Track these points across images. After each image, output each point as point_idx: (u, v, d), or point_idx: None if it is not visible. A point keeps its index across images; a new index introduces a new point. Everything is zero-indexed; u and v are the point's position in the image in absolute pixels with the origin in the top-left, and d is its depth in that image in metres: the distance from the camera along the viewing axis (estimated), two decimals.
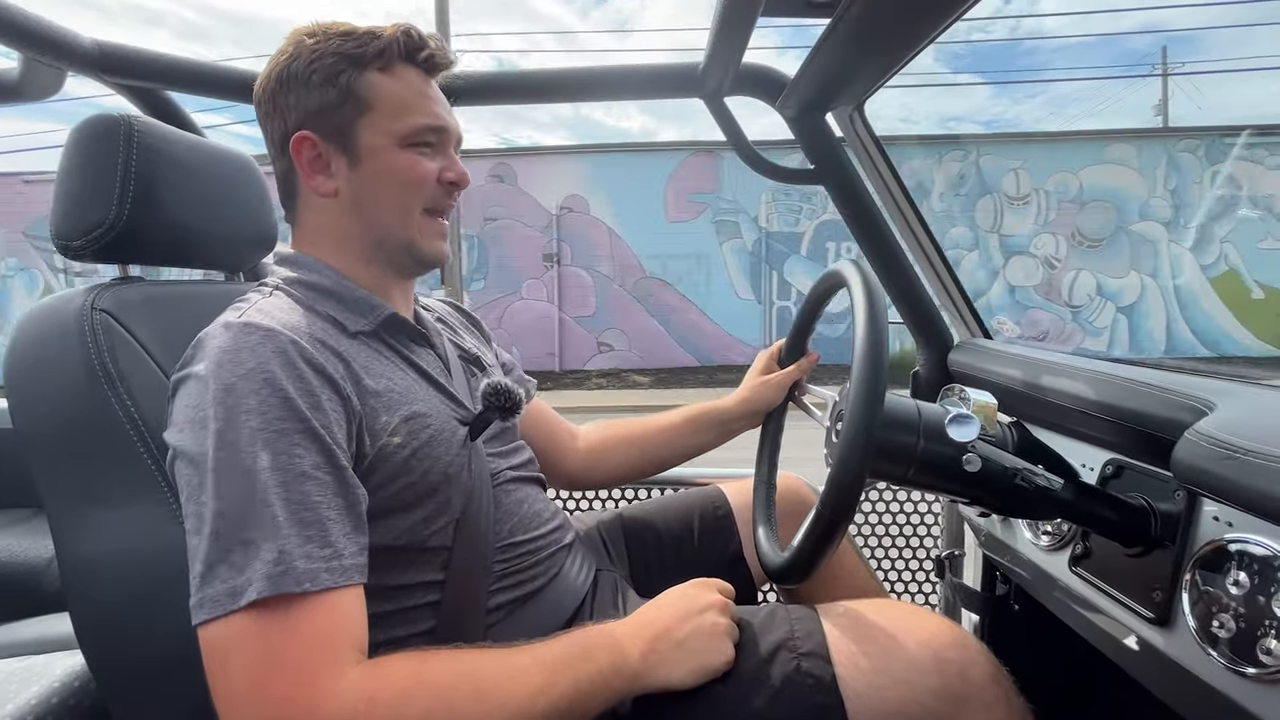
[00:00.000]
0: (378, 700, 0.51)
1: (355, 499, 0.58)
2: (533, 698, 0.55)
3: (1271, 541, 0.51)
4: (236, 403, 0.54)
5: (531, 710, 0.55)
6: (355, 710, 0.50)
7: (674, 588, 0.70)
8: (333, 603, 0.53)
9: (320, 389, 0.58)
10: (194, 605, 0.51)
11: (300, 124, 0.69)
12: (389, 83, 0.70)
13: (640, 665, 0.61)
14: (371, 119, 0.69)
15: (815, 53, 0.86)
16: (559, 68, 1.12)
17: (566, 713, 0.57)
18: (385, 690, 0.52)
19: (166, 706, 0.64)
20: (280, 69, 0.69)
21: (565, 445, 1.02)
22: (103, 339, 0.66)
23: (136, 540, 0.64)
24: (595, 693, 0.59)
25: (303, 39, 0.70)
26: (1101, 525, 0.65)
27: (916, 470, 0.64)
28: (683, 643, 0.64)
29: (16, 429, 0.67)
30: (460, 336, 0.88)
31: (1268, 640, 0.49)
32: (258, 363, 0.56)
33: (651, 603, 0.69)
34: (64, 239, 0.71)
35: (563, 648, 0.60)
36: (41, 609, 0.98)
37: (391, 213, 0.71)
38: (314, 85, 0.68)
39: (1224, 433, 0.54)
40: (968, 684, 0.62)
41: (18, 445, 0.66)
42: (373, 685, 0.51)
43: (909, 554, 1.31)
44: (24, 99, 1.00)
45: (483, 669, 0.57)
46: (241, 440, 0.53)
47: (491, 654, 0.59)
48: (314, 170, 0.70)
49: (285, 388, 0.56)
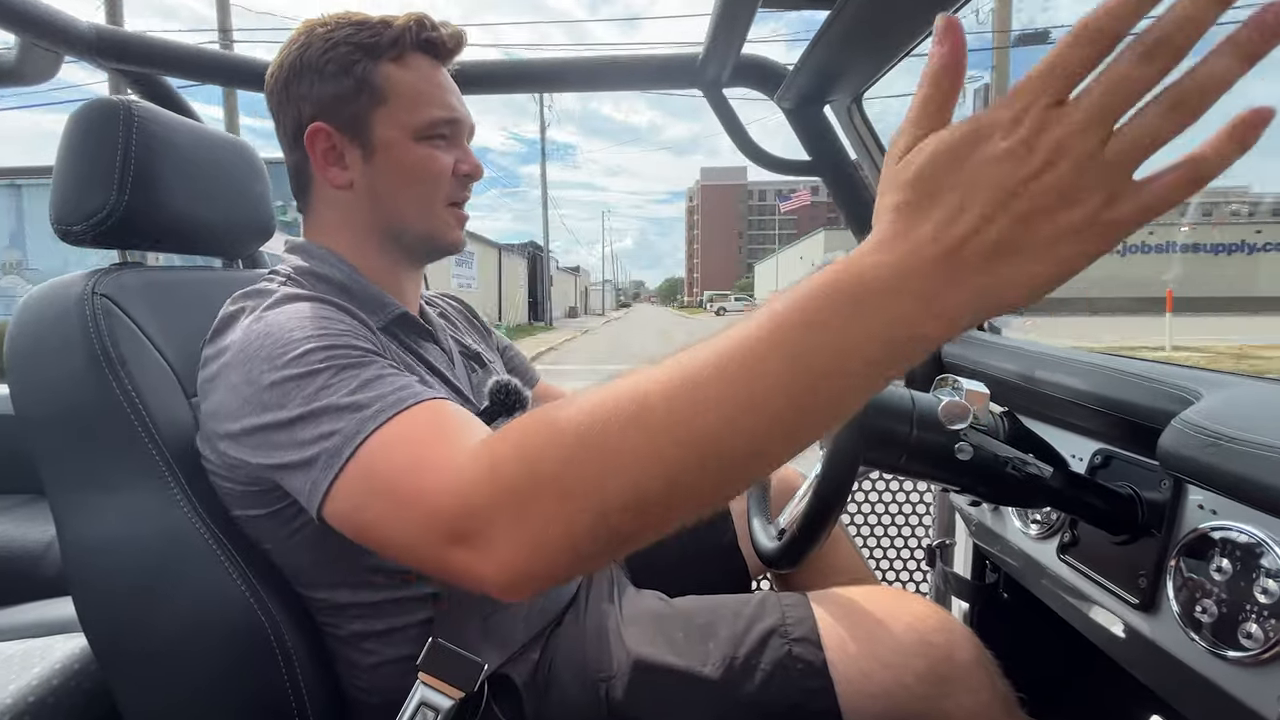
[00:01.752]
0: (499, 454, 0.42)
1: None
2: (731, 420, 0.35)
3: (1254, 528, 0.52)
4: (288, 333, 0.55)
5: (735, 438, 0.36)
6: (478, 474, 0.43)
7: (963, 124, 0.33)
8: (434, 409, 0.51)
9: (363, 332, 0.60)
10: (309, 489, 0.50)
11: (315, 115, 0.68)
12: (403, 73, 0.69)
13: (927, 318, 0.33)
14: (387, 111, 0.68)
15: (814, 45, 0.86)
16: (560, 58, 1.12)
17: (794, 422, 0.35)
18: (506, 440, 0.43)
19: (169, 689, 0.65)
20: (293, 58, 0.69)
21: None
22: (103, 323, 0.66)
23: (137, 524, 0.64)
24: (844, 372, 0.34)
25: (315, 28, 0.69)
26: (1089, 513, 0.66)
27: (909, 458, 0.65)
28: (1019, 247, 0.31)
29: (17, 413, 0.67)
30: (461, 333, 0.89)
31: (1248, 624, 0.50)
32: (304, 308, 0.58)
33: (927, 161, 0.33)
34: (63, 224, 0.71)
35: (784, 306, 0.35)
36: (41, 593, 0.98)
37: (411, 206, 0.71)
38: (328, 75, 0.68)
39: (1209, 421, 0.55)
40: (953, 667, 0.63)
41: (17, 430, 0.67)
42: (492, 444, 0.44)
43: (900, 543, 1.33)
44: (21, 82, 0.99)
45: (641, 389, 0.38)
46: (303, 358, 0.53)
47: (652, 378, 0.38)
48: (328, 162, 0.70)
49: (333, 333, 0.56)
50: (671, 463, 0.36)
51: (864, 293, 0.33)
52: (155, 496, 0.64)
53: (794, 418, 0.35)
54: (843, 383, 0.34)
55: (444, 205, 0.72)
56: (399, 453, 0.48)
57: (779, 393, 0.34)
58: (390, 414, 0.50)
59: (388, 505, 0.47)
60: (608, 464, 0.37)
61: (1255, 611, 0.50)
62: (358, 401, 0.50)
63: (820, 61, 0.90)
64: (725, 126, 1.11)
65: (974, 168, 0.31)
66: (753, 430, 0.35)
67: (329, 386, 0.52)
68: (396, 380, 0.53)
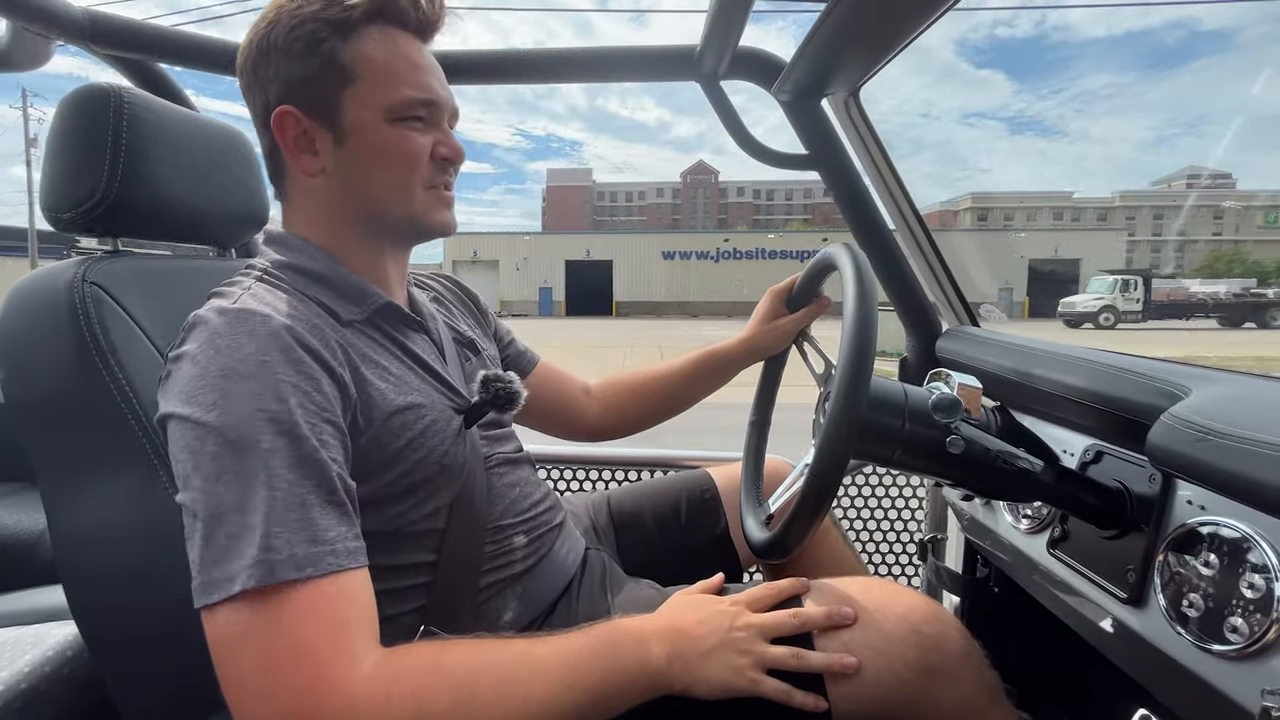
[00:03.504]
0: (395, 694, 0.49)
1: (350, 486, 0.56)
2: (556, 694, 0.54)
3: (1241, 524, 0.52)
4: (231, 388, 0.53)
5: (554, 707, 0.53)
6: (373, 704, 0.48)
7: (717, 597, 0.69)
8: (340, 586, 0.51)
9: (318, 374, 0.57)
10: (195, 589, 0.49)
11: (282, 97, 0.65)
12: (376, 50, 0.65)
13: (665, 666, 0.60)
14: (356, 91, 0.64)
15: (811, 38, 0.86)
16: (558, 49, 1.12)
17: (589, 710, 0.56)
18: (404, 682, 0.50)
19: (161, 675, 0.65)
20: (260, 37, 0.65)
21: (579, 401, 1.03)
22: (93, 311, 0.65)
23: (127, 511, 0.64)
24: (619, 691, 0.58)
25: (283, 3, 0.65)
26: (1079, 507, 0.67)
27: (902, 451, 0.65)
28: (709, 654, 0.62)
29: (7, 400, 0.67)
30: (455, 318, 0.87)
31: (1234, 618, 0.51)
32: (255, 347, 0.55)
33: (686, 603, 0.68)
34: (53, 211, 0.71)
35: (587, 642, 0.59)
36: (34, 580, 0.98)
37: (388, 191, 0.68)
38: (295, 55, 0.64)
39: (1197, 416, 0.55)
40: (943, 657, 0.64)
41: (9, 418, 0.66)
42: (391, 676, 0.49)
43: (893, 537, 1.33)
44: (12, 68, 0.99)
45: (505, 662, 0.55)
46: (237, 426, 0.52)
47: (513, 646, 0.57)
48: (299, 148, 0.66)
49: (280, 374, 0.54)
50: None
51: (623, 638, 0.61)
52: (145, 484, 0.64)
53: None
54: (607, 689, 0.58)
55: (423, 188, 0.69)
56: (298, 630, 0.48)
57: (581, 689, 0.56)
58: (292, 576, 0.49)
59: (256, 675, 0.47)
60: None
61: (1241, 606, 0.51)
62: (262, 540, 0.49)
63: (817, 55, 0.90)
64: (722, 119, 1.10)
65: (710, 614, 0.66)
66: (567, 706, 0.55)
67: (247, 491, 0.50)
68: (317, 513, 0.52)
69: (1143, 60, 64.55)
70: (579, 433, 1.04)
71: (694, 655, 0.61)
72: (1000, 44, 77.91)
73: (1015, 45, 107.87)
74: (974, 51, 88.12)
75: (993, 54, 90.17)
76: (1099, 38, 79.23)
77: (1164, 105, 51.46)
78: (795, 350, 1.01)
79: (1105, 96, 63.05)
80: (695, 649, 0.62)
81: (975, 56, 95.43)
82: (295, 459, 0.52)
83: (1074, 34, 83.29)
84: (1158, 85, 49.93)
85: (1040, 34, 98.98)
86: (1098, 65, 74.68)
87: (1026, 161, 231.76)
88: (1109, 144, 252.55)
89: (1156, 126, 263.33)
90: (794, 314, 0.99)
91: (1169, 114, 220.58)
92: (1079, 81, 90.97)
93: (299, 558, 0.49)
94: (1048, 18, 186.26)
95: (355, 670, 0.48)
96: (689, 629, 0.63)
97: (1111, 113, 58.12)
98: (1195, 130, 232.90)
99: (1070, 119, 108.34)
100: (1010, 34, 59.31)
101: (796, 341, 1.01)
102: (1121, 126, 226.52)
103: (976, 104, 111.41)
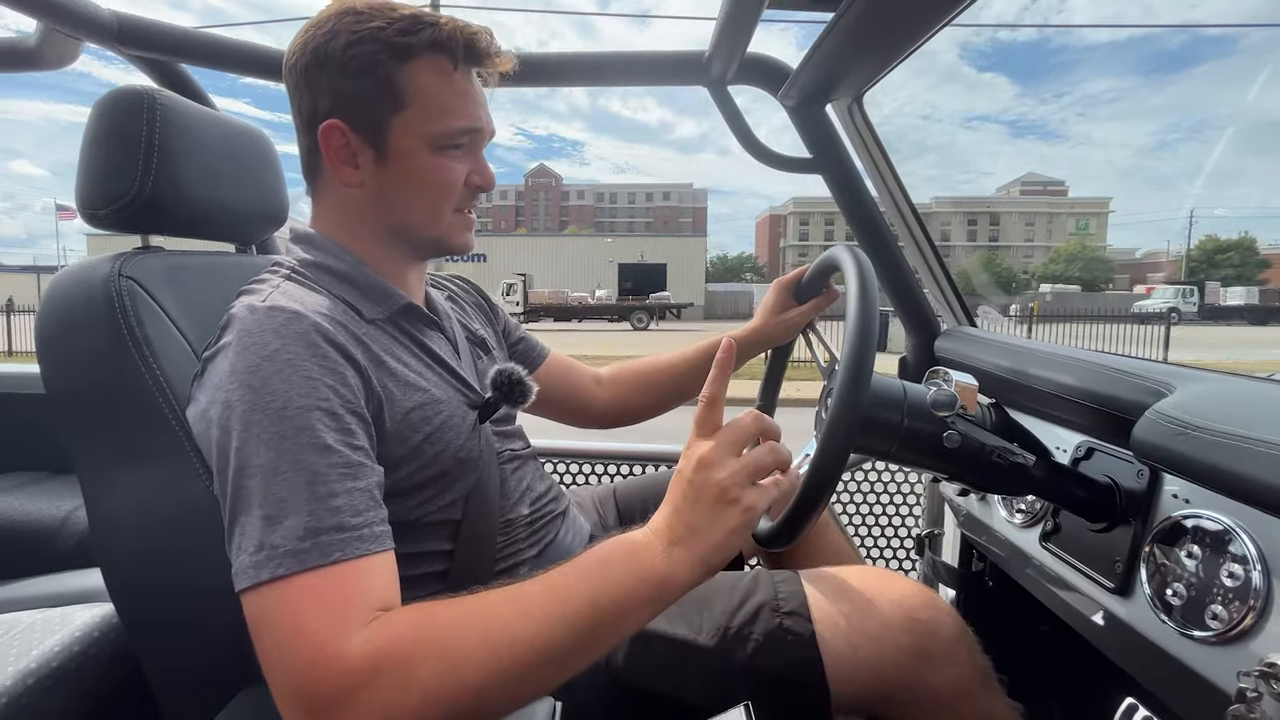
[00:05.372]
0: (383, 667, 0.48)
1: (377, 474, 0.58)
2: (549, 627, 0.50)
3: (1223, 516, 0.55)
4: (262, 383, 0.55)
5: (548, 641, 0.50)
6: (363, 679, 0.48)
7: (698, 459, 0.57)
8: (358, 570, 0.52)
9: (344, 368, 0.59)
10: (234, 574, 0.52)
11: (331, 110, 0.66)
12: (430, 79, 0.66)
13: (666, 565, 0.53)
14: (406, 118, 0.66)
15: (818, 45, 0.88)
16: (568, 52, 1.14)
17: (590, 637, 0.51)
18: (392, 654, 0.49)
19: (194, 654, 0.68)
20: (316, 44, 0.66)
21: (590, 390, 1.06)
22: (129, 304, 0.68)
23: (162, 496, 0.67)
24: (619, 606, 0.52)
25: (345, 14, 0.66)
26: (1070, 501, 0.69)
27: (900, 445, 0.68)
28: (705, 524, 0.54)
29: (47, 389, 0.69)
30: (468, 317, 0.90)
31: (1215, 606, 0.53)
32: (282, 344, 0.57)
33: (671, 487, 0.58)
34: (90, 207, 0.73)
35: (575, 565, 0.54)
36: (56, 566, 1.01)
37: (419, 212, 0.70)
38: (350, 72, 0.65)
39: (1179, 411, 0.58)
40: (936, 642, 0.67)
41: (36, 409, 0.68)
42: (379, 650, 0.49)
43: (891, 532, 1.36)
44: (41, 67, 1.01)
45: (489, 611, 0.52)
46: (267, 419, 0.54)
47: (502, 592, 0.53)
48: (340, 160, 0.68)
49: (309, 368, 0.56)
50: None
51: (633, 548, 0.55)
52: (179, 471, 0.66)
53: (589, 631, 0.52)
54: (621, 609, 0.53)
55: (452, 213, 0.72)
56: (306, 609, 0.50)
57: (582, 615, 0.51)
58: (317, 563, 0.51)
59: (274, 652, 0.50)
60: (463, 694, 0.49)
61: (1221, 594, 0.53)
62: (290, 529, 0.52)
63: (823, 62, 0.93)
64: (728, 123, 1.13)
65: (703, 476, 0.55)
66: (564, 637, 0.51)
67: (276, 482, 0.53)
68: (341, 500, 0.54)
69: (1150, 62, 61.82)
70: (590, 420, 1.07)
71: (687, 535, 0.54)
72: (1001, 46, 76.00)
73: (1016, 47, 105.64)
74: (976, 55, 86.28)
75: (996, 56, 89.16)
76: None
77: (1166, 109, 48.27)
78: (802, 340, 1.04)
79: (1106, 101, 61.26)
80: (688, 529, 0.54)
81: (978, 60, 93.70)
82: (323, 449, 0.54)
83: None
84: (1159, 89, 47.29)
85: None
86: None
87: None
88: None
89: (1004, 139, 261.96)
90: (802, 306, 1.02)
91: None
92: (1079, 87, 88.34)
93: (324, 545, 0.51)
94: (1050, 19, 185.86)
95: (348, 646, 0.49)
96: (678, 507, 0.56)
97: (1116, 116, 55.48)
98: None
99: (1074, 123, 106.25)
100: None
101: (804, 333, 1.04)
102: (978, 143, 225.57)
103: (980, 107, 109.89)
